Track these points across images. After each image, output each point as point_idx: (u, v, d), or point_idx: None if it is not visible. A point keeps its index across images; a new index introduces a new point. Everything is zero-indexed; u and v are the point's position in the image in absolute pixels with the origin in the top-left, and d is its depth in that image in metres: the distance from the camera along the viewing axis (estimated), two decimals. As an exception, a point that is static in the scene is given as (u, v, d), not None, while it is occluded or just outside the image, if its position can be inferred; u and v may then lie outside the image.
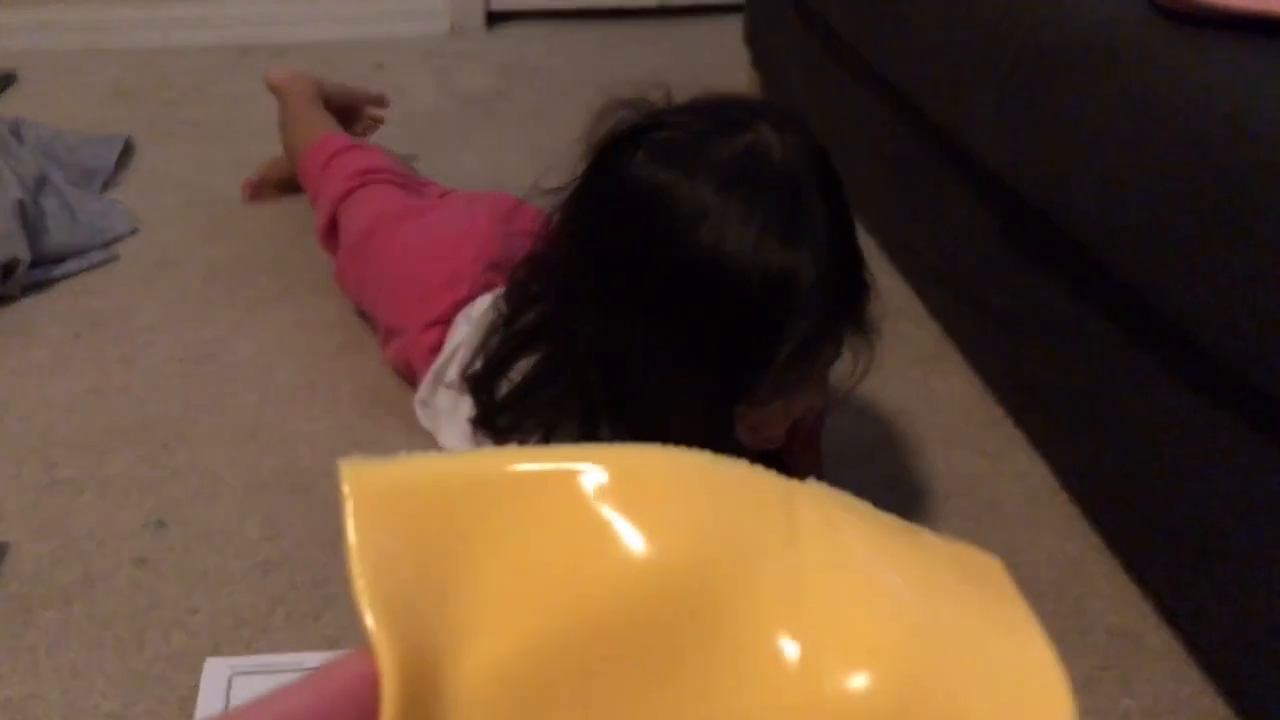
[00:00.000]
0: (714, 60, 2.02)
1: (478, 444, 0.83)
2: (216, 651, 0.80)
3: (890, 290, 1.21)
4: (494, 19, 2.23)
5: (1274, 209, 0.65)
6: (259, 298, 1.25)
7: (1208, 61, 0.74)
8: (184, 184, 1.51)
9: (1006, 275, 1.00)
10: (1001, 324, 1.04)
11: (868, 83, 1.29)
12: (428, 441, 1.00)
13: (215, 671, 0.78)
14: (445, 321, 0.99)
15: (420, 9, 2.18)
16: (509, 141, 1.69)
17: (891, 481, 0.99)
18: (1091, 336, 0.88)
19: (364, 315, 1.18)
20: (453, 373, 0.94)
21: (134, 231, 1.39)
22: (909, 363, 1.14)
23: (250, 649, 0.80)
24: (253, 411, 1.07)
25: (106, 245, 1.34)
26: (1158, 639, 0.84)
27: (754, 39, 1.87)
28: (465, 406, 0.91)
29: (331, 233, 1.21)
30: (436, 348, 0.99)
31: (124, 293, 1.26)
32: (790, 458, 0.84)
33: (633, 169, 0.69)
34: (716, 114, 0.70)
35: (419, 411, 1.02)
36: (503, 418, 0.80)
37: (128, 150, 1.60)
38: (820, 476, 0.99)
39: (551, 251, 0.78)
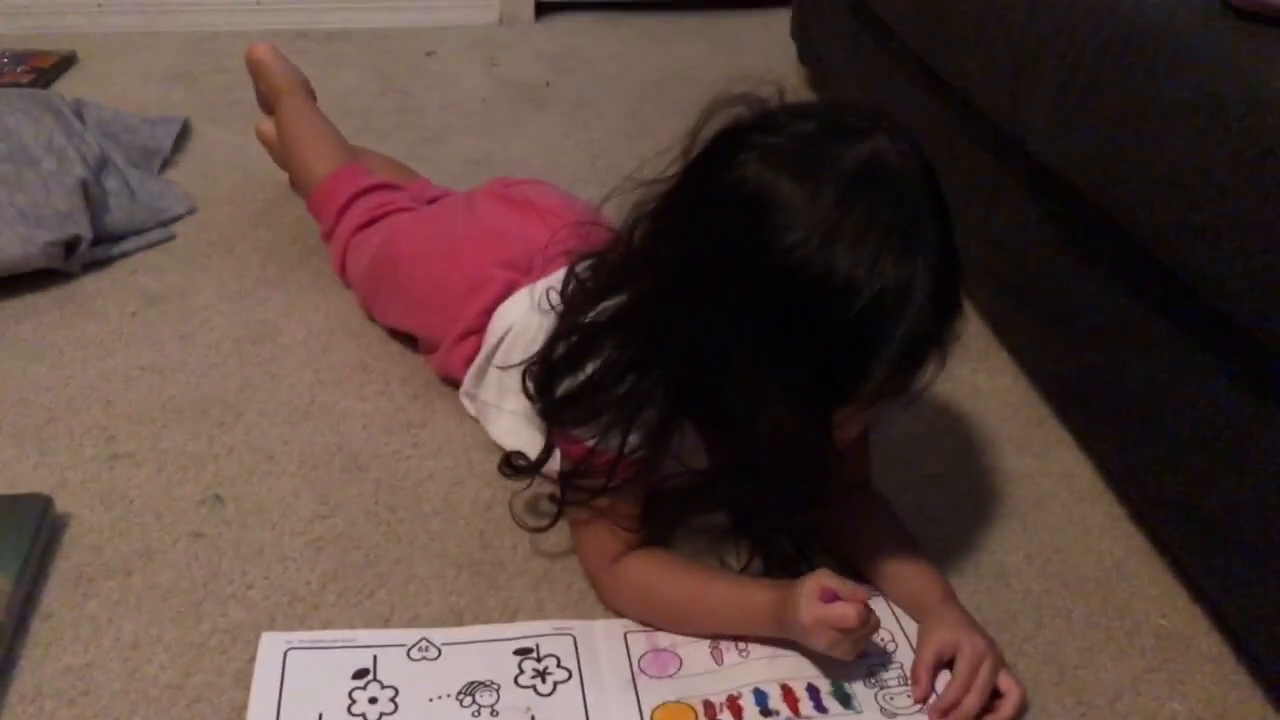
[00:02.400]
0: (761, 54, 2.02)
1: (542, 435, 0.83)
2: (271, 626, 0.81)
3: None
4: (543, 9, 2.25)
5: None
6: (312, 280, 1.27)
7: (1276, 59, 0.73)
8: (239, 166, 1.53)
9: (1058, 272, 1.00)
10: (1051, 321, 1.03)
11: (920, 77, 1.28)
12: (478, 426, 1.02)
13: (272, 645, 0.79)
14: (478, 330, 1.00)
15: (471, -2, 2.21)
16: (557, 130, 1.70)
17: (936, 479, 0.98)
18: (1144, 334, 0.87)
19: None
20: (503, 357, 0.95)
21: (191, 212, 1.41)
22: (955, 360, 1.12)
23: (304, 625, 0.82)
24: (306, 391, 1.09)
25: (165, 225, 1.37)
26: (1207, 642, 0.83)
27: (802, 32, 1.87)
28: (511, 398, 0.92)
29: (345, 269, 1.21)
30: (473, 356, 1.00)
31: (181, 272, 1.29)
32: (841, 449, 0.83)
33: (744, 170, 0.67)
34: (831, 119, 0.69)
35: (465, 402, 1.04)
36: (569, 412, 0.79)
37: (185, 132, 1.62)
38: (868, 468, 0.97)
39: (633, 246, 0.76)
